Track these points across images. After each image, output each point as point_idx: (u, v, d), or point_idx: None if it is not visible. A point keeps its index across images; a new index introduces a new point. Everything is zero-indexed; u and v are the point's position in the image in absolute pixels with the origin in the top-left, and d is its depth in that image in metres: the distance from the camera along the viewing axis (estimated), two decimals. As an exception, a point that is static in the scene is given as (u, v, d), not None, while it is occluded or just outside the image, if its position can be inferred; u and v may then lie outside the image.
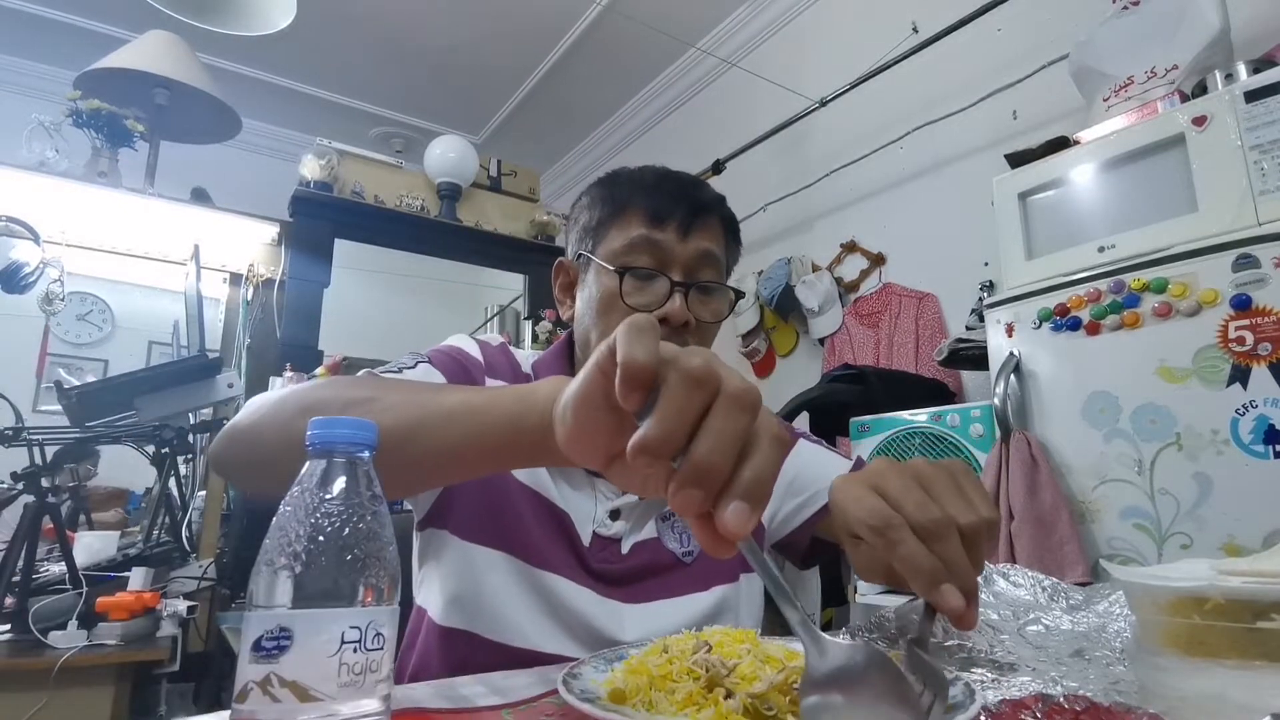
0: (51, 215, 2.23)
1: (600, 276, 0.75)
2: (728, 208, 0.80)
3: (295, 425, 0.46)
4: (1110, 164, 1.34)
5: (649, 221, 0.74)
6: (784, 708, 0.39)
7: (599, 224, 0.77)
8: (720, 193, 0.81)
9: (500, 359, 0.80)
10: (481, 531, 0.70)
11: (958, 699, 0.41)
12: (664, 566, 0.74)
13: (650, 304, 0.72)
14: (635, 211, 0.74)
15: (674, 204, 0.74)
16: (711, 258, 0.75)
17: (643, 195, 0.75)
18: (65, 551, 1.53)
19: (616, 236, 0.75)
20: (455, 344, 0.79)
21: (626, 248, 0.73)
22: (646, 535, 0.75)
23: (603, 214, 0.77)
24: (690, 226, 0.74)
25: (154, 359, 3.08)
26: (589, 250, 0.77)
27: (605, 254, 0.75)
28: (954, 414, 1.55)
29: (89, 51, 2.57)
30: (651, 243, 0.73)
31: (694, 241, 0.74)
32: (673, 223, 0.73)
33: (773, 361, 2.87)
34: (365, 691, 0.34)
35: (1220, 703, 0.38)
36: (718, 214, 0.78)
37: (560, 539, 0.71)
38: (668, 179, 0.77)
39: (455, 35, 3.31)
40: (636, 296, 0.73)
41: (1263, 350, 1.07)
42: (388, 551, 0.37)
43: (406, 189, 2.92)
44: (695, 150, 3.07)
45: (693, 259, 0.74)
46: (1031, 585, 0.73)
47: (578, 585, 0.70)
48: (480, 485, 0.72)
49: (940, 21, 2.10)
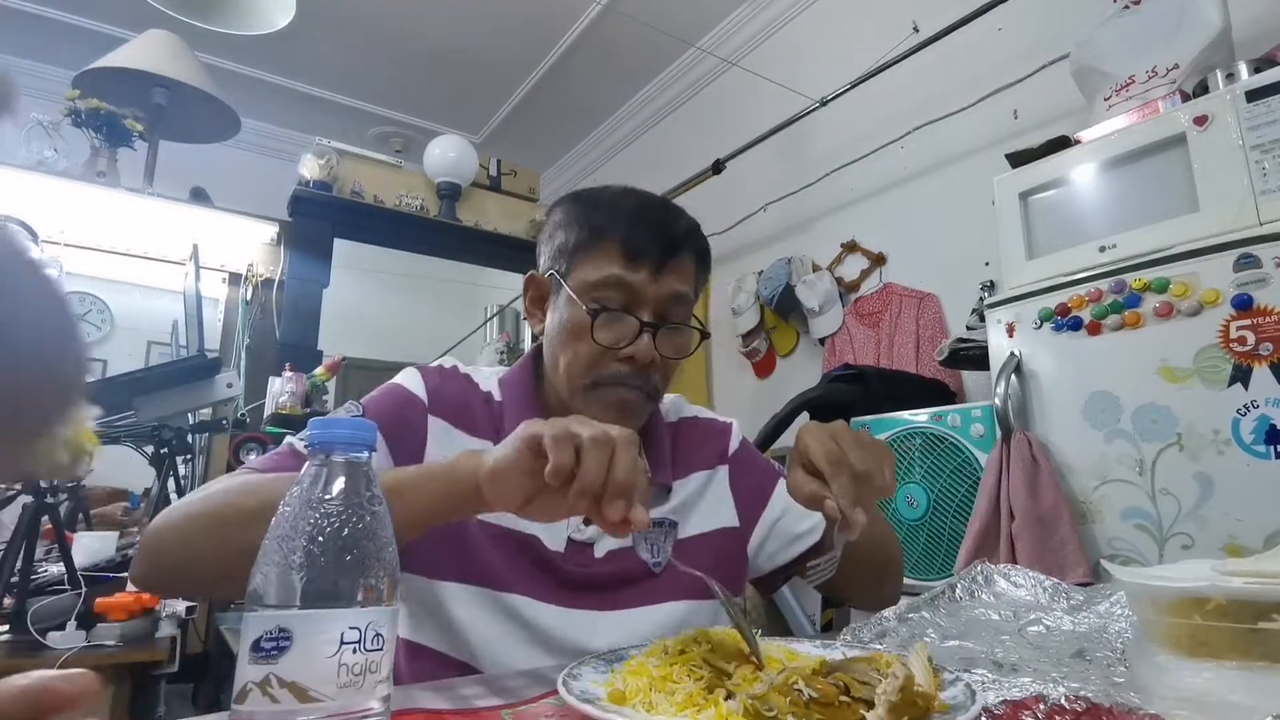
0: (50, 215, 2.24)
1: (571, 306, 0.76)
2: (702, 239, 0.82)
3: (211, 540, 0.57)
4: (1111, 163, 1.33)
5: (623, 259, 0.74)
6: (784, 708, 0.39)
7: (574, 248, 0.77)
8: (694, 220, 0.82)
9: (451, 386, 0.80)
10: (446, 567, 0.72)
11: (958, 699, 0.41)
12: (636, 575, 0.77)
13: (618, 341, 0.74)
14: (610, 244, 0.75)
15: (649, 241, 0.74)
16: (681, 299, 0.77)
17: (620, 227, 0.75)
18: (64, 552, 1.53)
19: (590, 268, 0.75)
20: (399, 383, 0.79)
21: (599, 283, 0.74)
22: (621, 543, 0.77)
23: (578, 238, 0.77)
24: (663, 265, 0.75)
25: (153, 359, 3.07)
26: (561, 273, 0.78)
27: (577, 284, 0.76)
28: (954, 414, 1.55)
29: (88, 51, 2.57)
30: (623, 284, 0.74)
31: (666, 282, 0.75)
32: (646, 261, 0.74)
33: (773, 361, 2.87)
34: (365, 692, 0.34)
35: (1221, 703, 0.38)
36: (691, 250, 0.79)
37: (522, 559, 0.73)
38: (645, 210, 0.78)
39: (455, 35, 3.31)
40: (605, 333, 0.74)
41: (1264, 350, 1.07)
42: (387, 552, 0.37)
43: (406, 189, 2.92)
44: (695, 150, 3.07)
45: (663, 300, 0.75)
46: (1032, 586, 0.73)
47: (544, 603, 0.72)
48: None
49: (940, 21, 2.10)
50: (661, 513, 0.81)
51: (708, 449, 0.89)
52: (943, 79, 2.27)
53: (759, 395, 2.86)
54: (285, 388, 2.40)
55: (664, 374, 0.78)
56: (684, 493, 0.83)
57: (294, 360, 2.49)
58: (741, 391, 2.98)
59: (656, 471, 0.82)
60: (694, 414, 0.93)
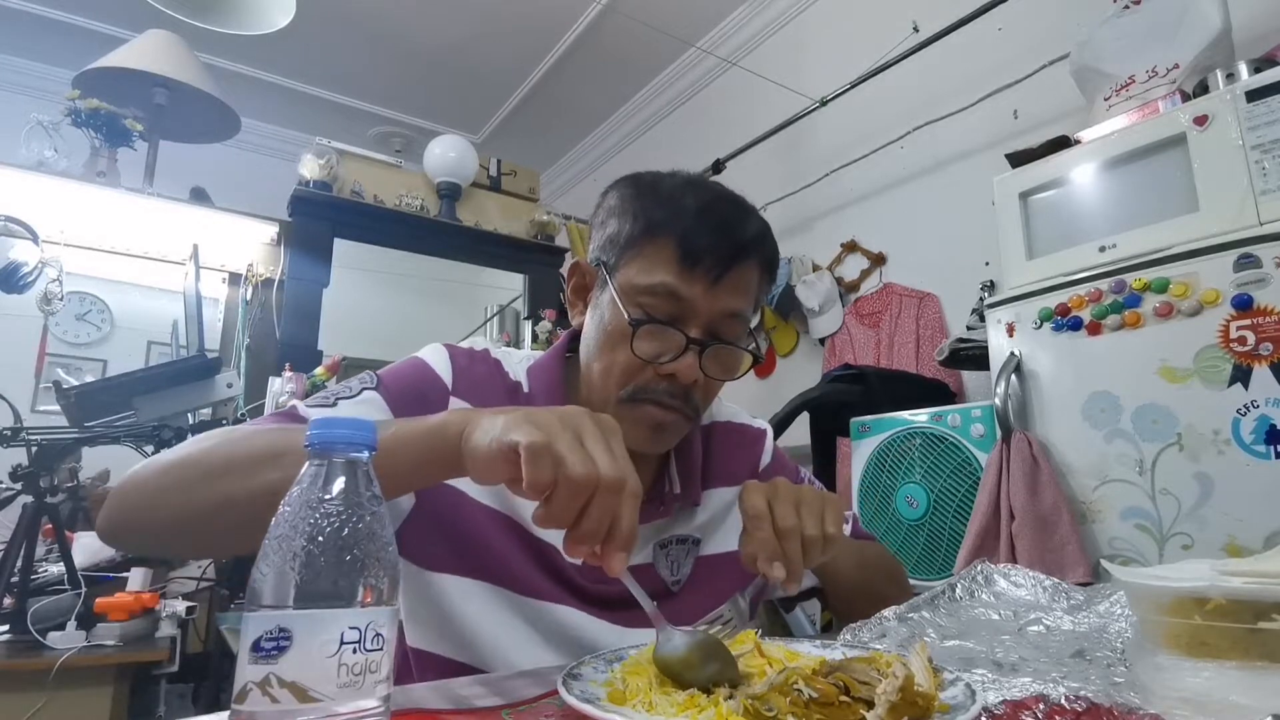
0: (50, 215, 2.23)
1: (613, 309, 0.68)
2: (770, 244, 0.73)
3: (199, 491, 0.53)
4: (1111, 163, 1.33)
5: (678, 264, 0.66)
6: (784, 708, 0.39)
7: (626, 241, 0.69)
8: (765, 221, 0.74)
9: (479, 370, 0.74)
10: (449, 560, 0.68)
11: (958, 699, 0.41)
12: (652, 593, 0.74)
13: (660, 355, 0.67)
14: (665, 244, 0.67)
15: (710, 246, 0.66)
16: (738, 317, 0.69)
17: (678, 225, 0.67)
18: (64, 552, 1.53)
19: (639, 269, 0.68)
20: (423, 359, 0.73)
21: (647, 289, 0.66)
22: (641, 560, 0.74)
23: (631, 230, 0.69)
24: (722, 276, 0.67)
25: (153, 359, 3.07)
26: (609, 266, 0.70)
27: (624, 283, 0.68)
28: (954, 414, 1.55)
29: (88, 51, 2.56)
30: (674, 294, 0.66)
31: (723, 297, 0.67)
32: (703, 270, 0.66)
33: (773, 361, 2.87)
34: (364, 692, 0.34)
35: (1221, 703, 0.38)
36: (756, 258, 0.70)
37: (542, 567, 0.69)
38: (710, 210, 0.69)
39: (455, 35, 3.31)
40: (646, 344, 0.66)
41: (1264, 350, 1.07)
42: (387, 551, 0.37)
43: (406, 188, 2.92)
44: (695, 150, 3.07)
45: (717, 316, 0.68)
46: (1032, 585, 0.73)
47: (578, 611, 0.69)
48: (432, 513, 0.68)
49: (940, 21, 2.10)
50: (687, 529, 0.77)
51: (739, 461, 0.84)
52: (943, 79, 2.27)
53: (759, 395, 2.86)
54: (285, 388, 2.40)
55: (706, 394, 0.71)
56: (711, 508, 0.79)
57: (294, 360, 2.49)
58: (741, 391, 2.98)
59: (685, 485, 0.77)
60: (729, 417, 0.88)
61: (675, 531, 0.77)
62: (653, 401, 0.68)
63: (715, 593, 0.74)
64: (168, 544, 0.63)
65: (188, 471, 0.55)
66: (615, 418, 0.69)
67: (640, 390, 0.68)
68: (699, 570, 0.77)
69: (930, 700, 0.40)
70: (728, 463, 0.83)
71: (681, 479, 0.78)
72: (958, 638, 0.60)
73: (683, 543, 0.77)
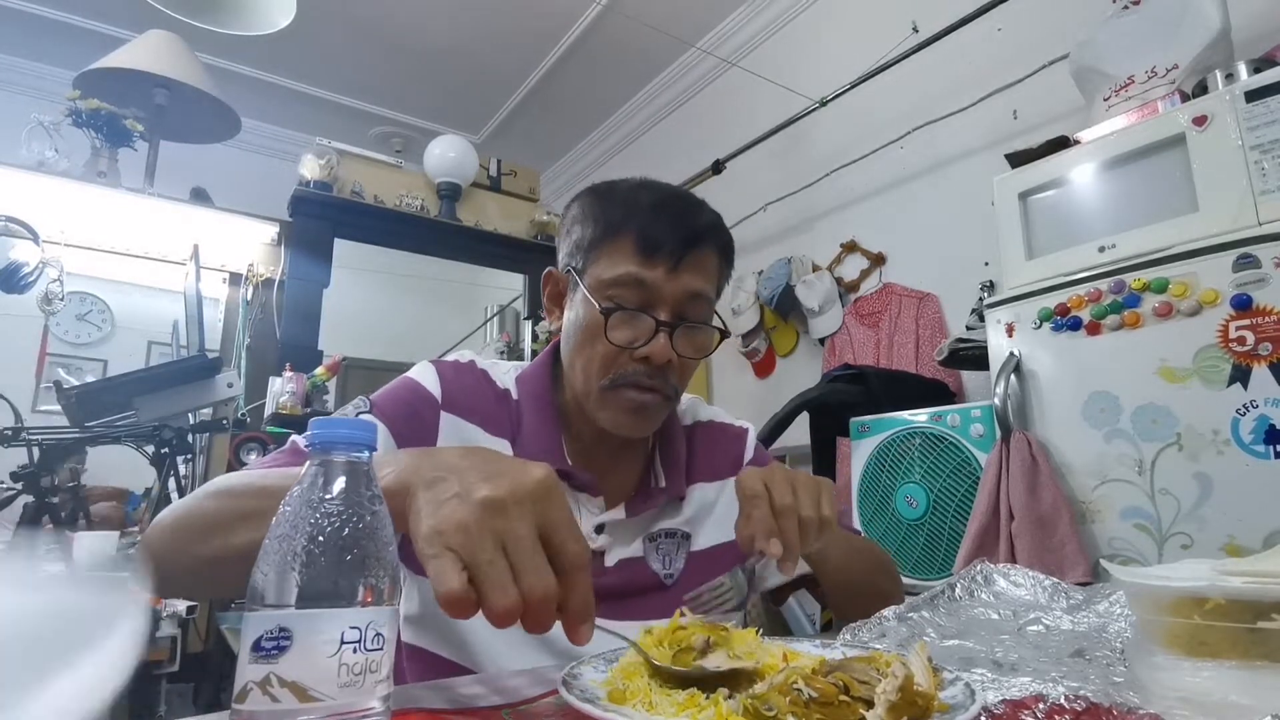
0: (51, 215, 2.23)
1: (586, 305, 0.73)
2: (724, 232, 0.78)
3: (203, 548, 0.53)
4: (1111, 164, 1.33)
5: (638, 255, 0.71)
6: (784, 708, 0.39)
7: (590, 244, 0.75)
8: (716, 212, 0.78)
9: (467, 381, 0.78)
10: None
11: (958, 699, 0.41)
12: (646, 586, 0.76)
13: (633, 340, 0.72)
14: (626, 238, 0.72)
15: (666, 235, 0.72)
16: (700, 296, 0.74)
17: (635, 220, 0.72)
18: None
19: (605, 265, 0.73)
20: (412, 378, 0.77)
21: (613, 281, 0.72)
22: (633, 554, 0.76)
23: (594, 234, 0.75)
24: (681, 260, 0.72)
25: (153, 359, 3.07)
26: (578, 269, 0.76)
27: (592, 281, 0.73)
28: (954, 414, 1.55)
29: (88, 51, 2.57)
30: (639, 281, 0.71)
31: (684, 279, 0.72)
32: (663, 257, 0.71)
33: (773, 361, 2.87)
34: (365, 692, 0.34)
35: (1221, 703, 0.38)
36: (712, 243, 0.76)
37: None
38: (664, 204, 0.74)
39: (455, 35, 3.31)
40: (620, 332, 0.72)
41: (1263, 350, 1.07)
42: (387, 551, 0.37)
43: (406, 189, 2.92)
44: (695, 150, 3.07)
45: (681, 297, 0.73)
46: (1032, 585, 0.73)
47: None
48: None
49: (940, 21, 2.10)
50: (674, 524, 0.80)
51: (722, 457, 0.87)
52: (942, 79, 2.27)
53: (759, 395, 2.86)
54: (286, 388, 2.41)
55: (682, 374, 0.76)
56: (697, 503, 0.82)
57: (294, 360, 2.50)
58: (741, 391, 2.98)
59: (670, 479, 0.81)
60: (710, 417, 0.91)
61: (663, 525, 0.79)
62: (632, 385, 0.73)
63: None
64: (198, 592, 0.65)
65: (186, 532, 0.56)
66: (598, 406, 0.74)
67: (619, 376, 0.73)
68: (691, 565, 0.79)
69: (930, 700, 0.40)
70: (710, 459, 0.86)
71: (666, 473, 0.81)
72: (957, 637, 0.61)
73: (672, 536, 0.79)
